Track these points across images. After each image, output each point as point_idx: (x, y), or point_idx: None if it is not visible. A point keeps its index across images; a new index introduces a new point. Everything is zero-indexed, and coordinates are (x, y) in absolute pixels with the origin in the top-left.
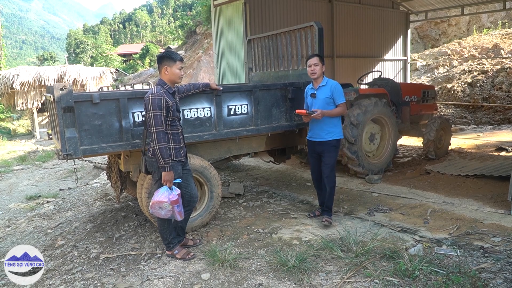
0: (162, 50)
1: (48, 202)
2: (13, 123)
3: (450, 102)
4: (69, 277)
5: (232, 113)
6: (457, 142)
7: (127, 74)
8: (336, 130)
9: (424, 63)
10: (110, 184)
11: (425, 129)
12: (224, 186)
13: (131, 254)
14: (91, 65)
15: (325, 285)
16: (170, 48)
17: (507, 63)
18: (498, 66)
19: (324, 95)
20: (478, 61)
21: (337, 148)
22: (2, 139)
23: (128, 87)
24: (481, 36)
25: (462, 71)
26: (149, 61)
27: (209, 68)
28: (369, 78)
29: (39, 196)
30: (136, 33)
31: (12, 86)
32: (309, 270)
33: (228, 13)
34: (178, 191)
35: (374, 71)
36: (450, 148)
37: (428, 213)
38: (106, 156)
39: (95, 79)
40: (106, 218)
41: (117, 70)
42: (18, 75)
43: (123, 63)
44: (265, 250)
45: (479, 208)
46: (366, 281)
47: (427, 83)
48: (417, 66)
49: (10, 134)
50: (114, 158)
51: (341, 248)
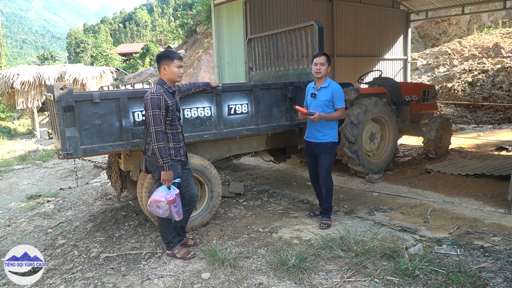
0: (162, 49)
1: (48, 201)
2: (13, 123)
3: (450, 102)
4: (69, 276)
5: (232, 112)
6: (457, 141)
7: (128, 74)
8: (332, 132)
9: (424, 62)
10: (110, 183)
11: (425, 128)
12: (224, 186)
13: (132, 254)
14: (92, 64)
15: (325, 284)
16: (171, 47)
17: (508, 62)
18: (499, 66)
19: (324, 97)
20: (478, 60)
21: (333, 150)
22: (3, 139)
23: (128, 87)
24: (481, 35)
25: (462, 71)
26: (149, 60)
27: (209, 67)
28: (369, 78)
29: (40, 195)
30: (136, 32)
31: (12, 85)
32: (309, 270)
33: (228, 12)
34: (177, 191)
35: (374, 71)
36: (450, 147)
37: (428, 212)
38: (106, 155)
39: (96, 79)
40: (107, 217)
41: (117, 69)
42: (18, 75)
43: (124, 63)
44: (265, 249)
45: (479, 207)
46: (366, 280)
47: (428, 83)
48: (417, 66)
49: (11, 134)
50: (115, 157)
51: (341, 247)
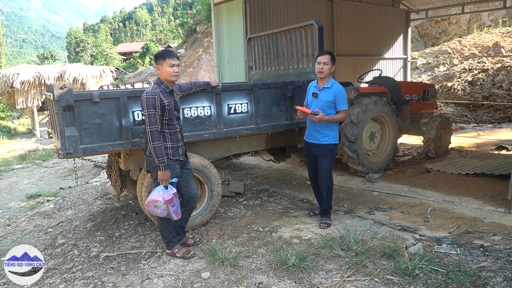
0: (162, 48)
1: (48, 201)
2: (13, 122)
3: (450, 101)
4: (69, 276)
5: (232, 111)
6: (457, 140)
7: (127, 73)
8: (332, 134)
9: (424, 62)
10: (110, 182)
11: (425, 127)
12: (224, 185)
13: (131, 253)
14: (91, 63)
15: (325, 283)
16: (171, 46)
17: (508, 62)
18: (499, 65)
19: (326, 98)
20: (478, 59)
21: (333, 152)
22: (3, 138)
23: (128, 86)
24: (481, 34)
25: (462, 70)
26: (149, 59)
27: (209, 66)
28: (369, 77)
29: (40, 195)
30: (136, 31)
31: (12, 84)
32: (309, 269)
33: (228, 11)
34: (174, 191)
35: (374, 70)
36: (450, 146)
37: (428, 211)
38: (106, 154)
39: (95, 78)
40: (106, 216)
41: (117, 68)
42: (18, 74)
43: (123, 62)
44: (265, 248)
45: (479, 206)
46: (366, 279)
47: (428, 82)
48: (417, 65)
49: (11, 133)
50: (114, 157)
51: (341, 246)
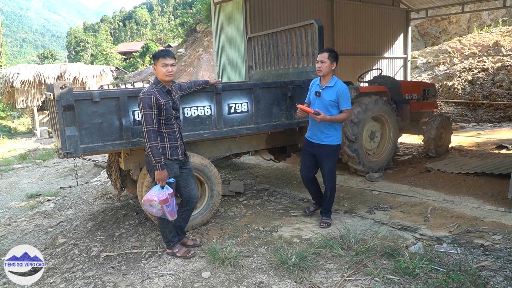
0: (162, 48)
1: (48, 200)
2: (13, 122)
3: (450, 100)
4: (69, 275)
5: (232, 111)
6: (457, 140)
7: (128, 72)
8: (336, 134)
9: (424, 61)
10: (110, 182)
11: (425, 127)
12: (224, 184)
13: (132, 253)
14: (91, 63)
15: (325, 283)
16: (171, 46)
17: (508, 61)
18: (499, 64)
19: (329, 97)
20: (478, 58)
21: (337, 152)
22: (3, 138)
23: (128, 85)
24: (481, 33)
25: (462, 69)
26: (149, 59)
27: (209, 66)
28: (369, 76)
29: (40, 194)
30: (136, 31)
31: (12, 84)
32: (309, 268)
33: (228, 11)
34: (170, 191)
35: (375, 69)
36: (450, 146)
37: (428, 211)
38: (107, 154)
39: (96, 77)
40: (107, 216)
41: (117, 68)
42: (18, 74)
43: (123, 61)
44: (265, 248)
45: (480, 206)
46: (367, 279)
47: (428, 81)
48: (417, 64)
49: (11, 133)
50: (115, 156)
51: (341, 246)
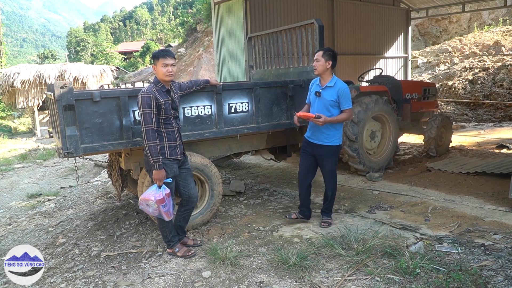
0: (162, 47)
1: (49, 200)
2: (14, 121)
3: (451, 100)
4: (70, 275)
5: (232, 111)
6: (458, 139)
7: (128, 72)
8: (337, 134)
9: (425, 60)
10: (111, 182)
11: (426, 126)
12: (224, 184)
13: (132, 252)
14: (92, 63)
15: (326, 282)
16: (171, 45)
17: (508, 60)
18: (499, 63)
19: (329, 97)
20: (479, 58)
21: (337, 153)
22: (3, 137)
23: (128, 85)
24: (482, 33)
25: (463, 68)
26: (149, 59)
27: (209, 66)
28: (369, 76)
29: (40, 194)
30: (136, 31)
31: (13, 84)
32: (310, 268)
33: (228, 10)
34: (167, 191)
35: (375, 69)
36: (451, 145)
37: (429, 210)
38: (107, 154)
39: (96, 77)
40: (107, 216)
41: (117, 68)
42: (18, 73)
43: (124, 61)
44: (266, 248)
45: (480, 205)
46: (367, 278)
47: (428, 81)
48: (418, 64)
49: (11, 132)
50: (115, 156)
51: (342, 245)
